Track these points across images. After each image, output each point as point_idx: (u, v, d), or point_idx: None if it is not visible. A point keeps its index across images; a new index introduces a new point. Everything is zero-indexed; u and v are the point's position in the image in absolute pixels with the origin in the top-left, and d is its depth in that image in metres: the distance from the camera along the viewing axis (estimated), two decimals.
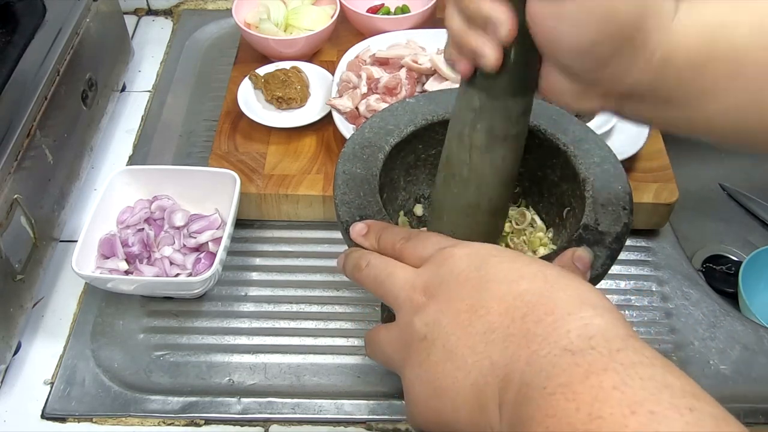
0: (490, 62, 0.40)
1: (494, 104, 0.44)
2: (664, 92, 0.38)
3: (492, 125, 0.45)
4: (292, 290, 0.74)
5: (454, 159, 0.49)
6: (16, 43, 0.72)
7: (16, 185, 0.66)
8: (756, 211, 0.85)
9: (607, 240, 0.50)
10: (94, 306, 0.73)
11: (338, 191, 0.53)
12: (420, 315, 0.38)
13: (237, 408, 0.66)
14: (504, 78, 0.42)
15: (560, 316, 0.33)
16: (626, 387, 0.29)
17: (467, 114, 0.46)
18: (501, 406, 0.33)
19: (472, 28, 0.40)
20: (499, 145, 0.47)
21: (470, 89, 0.45)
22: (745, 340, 0.70)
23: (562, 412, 0.29)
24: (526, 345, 0.33)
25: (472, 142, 0.47)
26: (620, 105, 0.41)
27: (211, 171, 0.77)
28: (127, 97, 0.96)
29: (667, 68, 0.37)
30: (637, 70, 0.37)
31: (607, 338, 0.31)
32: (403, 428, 0.64)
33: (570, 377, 0.30)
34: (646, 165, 0.78)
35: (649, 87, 0.38)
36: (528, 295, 0.35)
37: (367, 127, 0.58)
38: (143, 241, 0.73)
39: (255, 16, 0.94)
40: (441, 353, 0.36)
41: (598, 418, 0.28)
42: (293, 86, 0.84)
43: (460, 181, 0.49)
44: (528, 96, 0.45)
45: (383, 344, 0.41)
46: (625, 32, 0.36)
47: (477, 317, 0.35)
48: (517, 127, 0.46)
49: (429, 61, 0.81)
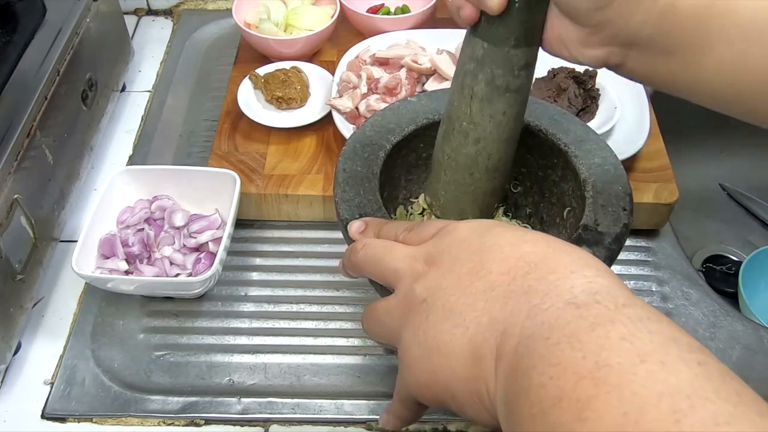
0: (495, 4, 0.40)
1: (496, 53, 0.44)
2: (666, 41, 0.39)
3: (493, 75, 0.45)
4: (292, 290, 0.74)
5: (455, 111, 0.49)
6: (16, 43, 0.72)
7: (16, 185, 0.66)
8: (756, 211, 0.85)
9: (606, 240, 0.50)
10: (94, 306, 0.73)
11: (338, 189, 0.53)
12: (420, 281, 0.38)
13: (237, 408, 0.66)
14: (507, 24, 0.42)
15: (563, 274, 0.33)
16: (634, 338, 0.28)
17: (469, 64, 0.46)
18: (498, 360, 0.32)
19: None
20: (500, 98, 0.46)
21: (474, 38, 0.45)
22: (745, 340, 0.70)
23: (568, 361, 0.28)
24: (527, 300, 0.33)
25: (473, 92, 0.46)
26: (623, 55, 0.41)
27: (211, 171, 0.77)
28: (127, 97, 0.96)
29: (670, 15, 0.37)
30: (642, 13, 0.38)
31: (612, 294, 0.31)
32: (402, 428, 0.64)
33: (575, 328, 0.29)
34: (646, 165, 0.78)
35: (652, 34, 0.38)
36: (530, 256, 0.35)
37: (369, 126, 0.58)
38: (143, 241, 0.73)
39: (255, 16, 0.94)
40: (440, 313, 0.36)
41: (606, 366, 0.27)
42: (293, 86, 0.84)
43: (460, 133, 0.49)
44: (531, 48, 0.45)
45: (381, 315, 0.41)
46: None
47: (478, 278, 0.35)
48: (519, 80, 0.46)
49: (429, 61, 0.81)
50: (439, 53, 0.82)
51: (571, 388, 0.27)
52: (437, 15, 0.95)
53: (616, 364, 0.27)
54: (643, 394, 0.26)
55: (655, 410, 0.25)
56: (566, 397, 0.27)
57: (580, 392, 0.27)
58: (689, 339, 0.29)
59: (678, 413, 0.25)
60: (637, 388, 0.26)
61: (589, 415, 0.26)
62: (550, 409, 0.28)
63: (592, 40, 0.40)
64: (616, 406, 0.26)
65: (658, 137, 0.81)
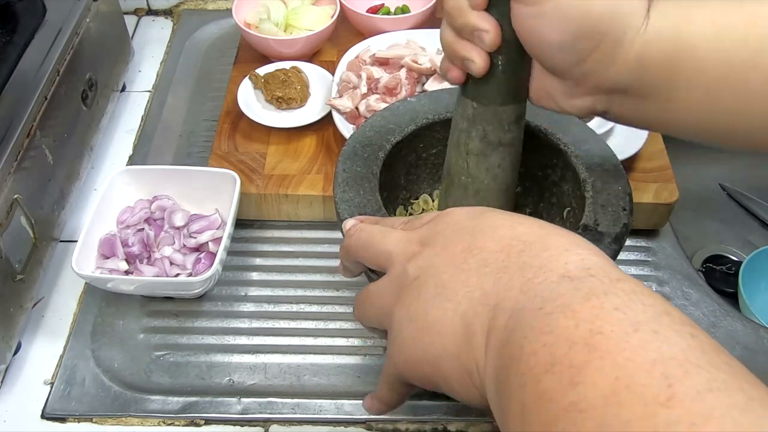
0: (478, 67, 0.43)
1: (486, 111, 0.47)
2: (641, 87, 0.41)
3: (485, 132, 0.48)
4: (292, 290, 0.74)
5: (453, 167, 0.51)
6: (16, 43, 0.72)
7: (16, 185, 0.66)
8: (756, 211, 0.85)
9: (606, 240, 0.50)
10: (94, 306, 0.73)
11: (338, 189, 0.53)
12: (414, 261, 0.38)
13: (237, 408, 0.66)
14: (493, 85, 0.45)
15: (557, 252, 0.33)
16: (628, 309, 0.28)
17: (462, 122, 0.48)
18: (489, 333, 0.33)
19: (461, 38, 0.43)
20: (494, 152, 0.49)
21: (464, 98, 0.47)
22: (745, 340, 0.70)
23: (561, 329, 0.29)
24: (521, 275, 0.33)
25: (468, 149, 0.49)
26: (607, 102, 0.43)
27: (211, 171, 0.77)
28: (127, 97, 0.96)
29: (642, 65, 0.40)
30: (618, 65, 0.40)
31: (606, 270, 0.32)
32: (402, 428, 0.64)
33: (569, 299, 0.30)
34: (646, 165, 0.78)
35: (629, 81, 0.41)
36: (525, 236, 0.35)
37: (368, 126, 0.58)
38: (143, 241, 0.73)
39: (255, 16, 0.94)
40: (432, 289, 0.36)
41: (599, 334, 0.28)
42: (293, 86, 0.84)
43: (460, 186, 0.51)
44: (519, 104, 0.47)
45: (373, 296, 0.41)
46: (600, 28, 0.39)
47: (471, 255, 0.36)
48: (510, 134, 0.48)
49: (429, 61, 0.81)
50: (439, 53, 0.82)
51: (563, 354, 0.28)
52: (437, 15, 0.95)
53: (609, 331, 0.28)
54: (636, 360, 0.26)
55: (648, 375, 0.26)
56: (558, 363, 0.28)
57: (573, 358, 0.27)
58: (681, 315, 0.29)
59: (670, 378, 0.25)
60: (630, 355, 0.26)
61: (581, 380, 0.27)
62: (541, 375, 0.28)
63: (576, 91, 0.43)
64: (608, 372, 0.26)
65: (658, 137, 0.81)
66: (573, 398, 0.26)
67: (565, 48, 0.40)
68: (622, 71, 0.40)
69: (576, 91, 0.43)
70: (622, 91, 0.42)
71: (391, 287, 0.39)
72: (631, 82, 0.41)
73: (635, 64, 0.40)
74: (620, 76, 0.41)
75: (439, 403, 0.65)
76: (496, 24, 0.41)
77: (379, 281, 0.41)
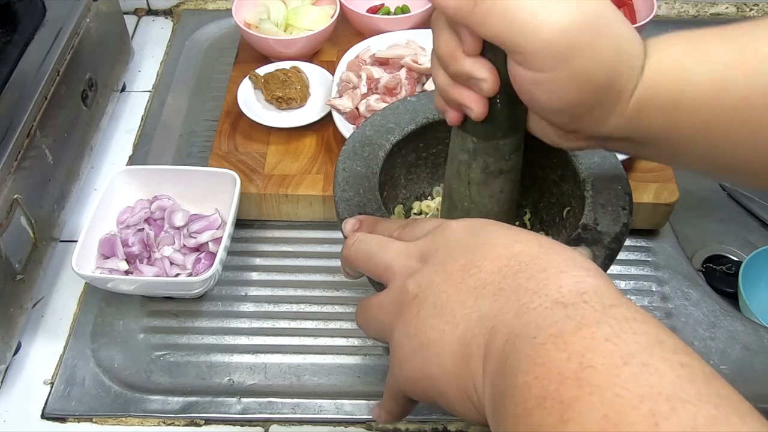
0: (476, 114, 0.42)
1: (486, 145, 0.46)
2: (640, 137, 0.41)
3: (486, 164, 0.48)
4: (292, 290, 0.74)
5: (455, 194, 0.51)
6: (16, 43, 0.72)
7: (16, 185, 0.66)
8: (756, 211, 0.85)
9: (605, 240, 0.50)
10: (94, 306, 0.73)
11: (338, 189, 0.53)
12: (413, 277, 0.38)
13: (237, 408, 0.66)
14: (492, 123, 0.44)
15: (552, 273, 0.33)
16: (619, 339, 0.28)
17: (462, 155, 0.48)
18: (486, 357, 0.33)
19: (456, 83, 0.42)
20: (495, 180, 0.49)
21: (462, 133, 0.47)
22: (745, 340, 0.70)
23: (552, 361, 0.29)
24: (516, 299, 0.33)
25: (469, 179, 0.49)
26: (603, 144, 0.44)
27: (211, 171, 0.77)
28: (127, 97, 0.96)
29: (640, 117, 0.39)
30: (613, 120, 0.40)
31: (599, 295, 0.31)
32: (403, 428, 0.64)
33: (561, 328, 0.30)
34: (646, 165, 0.78)
35: (624, 134, 0.41)
36: (521, 255, 0.35)
37: (368, 125, 0.58)
38: (143, 241, 0.73)
39: (255, 16, 0.94)
40: (431, 309, 0.36)
41: (589, 367, 0.28)
42: (293, 86, 0.84)
43: (462, 211, 0.51)
44: (518, 134, 0.47)
45: (374, 309, 0.41)
46: (599, 93, 0.38)
47: (469, 275, 0.36)
48: (511, 162, 0.48)
49: (429, 61, 0.81)
50: None
51: (555, 389, 0.28)
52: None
53: (599, 365, 0.28)
54: (624, 397, 0.26)
55: (635, 413, 0.26)
56: (550, 398, 0.28)
57: (564, 393, 0.27)
58: (675, 340, 0.29)
59: (657, 416, 0.25)
60: (619, 390, 0.26)
61: (571, 417, 0.27)
62: (533, 409, 0.28)
63: (571, 137, 0.43)
64: (597, 408, 0.26)
65: None
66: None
67: (561, 112, 0.40)
68: (617, 125, 0.40)
69: (571, 137, 0.43)
70: (619, 140, 0.42)
71: (391, 303, 0.39)
72: (626, 134, 0.41)
73: (633, 116, 0.39)
74: (616, 129, 0.40)
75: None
76: (492, 70, 0.40)
77: (379, 295, 0.41)
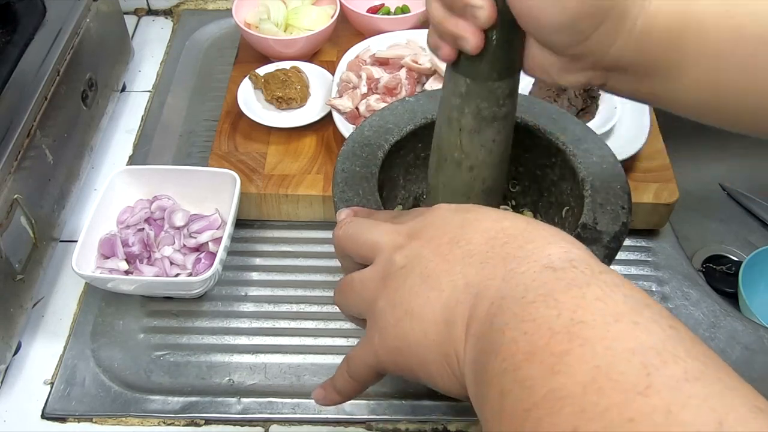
0: (472, 46, 0.41)
1: (479, 87, 0.45)
2: (645, 64, 0.39)
3: (479, 108, 0.46)
4: (292, 290, 0.74)
5: (445, 143, 0.49)
6: (16, 43, 0.72)
7: (16, 185, 0.66)
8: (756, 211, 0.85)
9: (605, 239, 0.50)
10: (94, 306, 0.73)
11: (337, 190, 0.53)
12: (401, 251, 0.38)
13: (237, 408, 0.66)
14: (487, 61, 0.43)
15: (540, 244, 0.34)
16: (609, 299, 0.29)
17: (454, 99, 0.46)
18: (469, 322, 0.33)
19: (452, 14, 0.40)
20: (488, 127, 0.47)
21: (455, 74, 0.45)
22: (745, 340, 0.70)
23: (542, 318, 0.29)
24: (504, 265, 0.33)
25: (461, 125, 0.47)
26: (604, 77, 0.42)
27: (211, 171, 0.77)
28: (127, 97, 0.96)
29: (646, 40, 0.38)
30: (620, 42, 0.38)
31: (588, 263, 0.32)
32: (403, 428, 0.64)
33: (551, 288, 0.30)
34: (646, 165, 0.78)
35: (631, 58, 0.39)
36: (510, 229, 0.35)
37: (367, 126, 0.58)
38: (143, 241, 0.73)
39: (255, 16, 0.94)
40: (417, 278, 0.36)
41: (580, 323, 0.28)
42: (293, 86, 0.84)
43: (452, 162, 0.50)
44: (513, 77, 0.45)
45: (357, 284, 0.41)
46: (603, 6, 0.37)
47: (457, 247, 0.36)
48: (504, 108, 0.46)
49: (429, 61, 0.81)
50: None
51: (544, 343, 0.28)
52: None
53: (590, 320, 0.28)
54: (615, 349, 0.26)
55: (627, 363, 0.26)
56: (539, 351, 0.28)
57: (554, 346, 0.28)
58: (661, 308, 0.30)
59: (649, 367, 0.26)
60: (609, 343, 0.27)
61: (561, 368, 0.27)
62: (522, 362, 0.28)
63: (572, 67, 0.41)
64: (588, 360, 0.27)
65: (658, 137, 0.81)
66: (553, 385, 0.27)
67: (564, 28, 0.38)
68: (625, 49, 0.38)
69: (573, 66, 0.41)
70: (623, 68, 0.40)
71: (376, 276, 0.39)
72: (633, 60, 0.39)
73: (638, 41, 0.38)
74: (622, 53, 0.39)
75: (438, 403, 0.65)
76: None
77: (363, 271, 0.40)
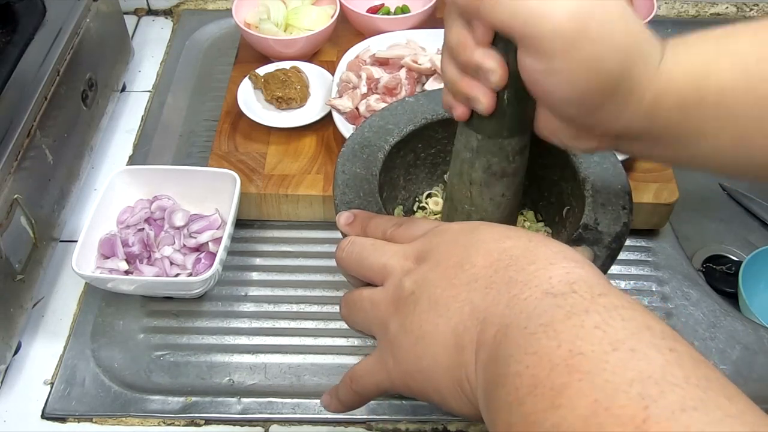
0: (484, 107, 0.42)
1: (490, 144, 0.46)
2: (656, 133, 0.40)
3: (489, 164, 0.47)
4: (292, 290, 0.74)
5: (456, 194, 0.51)
6: (16, 43, 0.72)
7: (16, 185, 0.66)
8: (756, 211, 0.85)
9: (606, 239, 0.50)
10: (94, 306, 0.73)
11: (338, 191, 0.53)
12: (410, 275, 0.39)
13: (237, 408, 0.66)
14: (499, 120, 0.44)
15: (542, 265, 0.34)
16: (607, 326, 0.29)
17: (465, 153, 0.48)
18: (478, 348, 0.33)
19: (465, 75, 0.42)
20: (498, 182, 0.48)
21: (468, 130, 0.46)
22: (745, 340, 0.70)
23: (543, 350, 0.29)
24: (507, 290, 0.33)
25: (471, 179, 0.49)
26: (615, 144, 0.42)
27: (211, 171, 0.77)
28: (127, 97, 0.96)
29: (657, 111, 0.38)
30: (629, 114, 0.39)
31: (588, 285, 0.32)
32: (403, 428, 0.64)
33: (551, 317, 0.30)
34: (646, 165, 0.78)
35: (640, 129, 0.40)
36: (512, 250, 0.36)
37: (367, 127, 0.58)
38: (143, 241, 0.73)
39: (255, 16, 0.94)
40: (426, 304, 0.37)
41: (579, 354, 0.28)
42: (293, 86, 0.84)
43: (463, 213, 0.51)
44: (524, 135, 0.46)
45: (366, 304, 0.41)
46: (612, 82, 0.37)
47: (462, 270, 0.36)
48: (514, 164, 0.48)
49: (429, 61, 0.81)
50: (439, 53, 0.82)
51: (545, 376, 0.28)
52: (437, 15, 0.95)
53: (589, 351, 0.28)
54: (614, 381, 0.27)
55: (625, 396, 0.26)
56: (541, 385, 0.28)
57: (554, 379, 0.28)
58: (663, 326, 0.29)
59: (647, 399, 0.26)
60: (608, 376, 0.27)
61: (561, 402, 0.27)
62: (525, 397, 0.29)
63: (582, 135, 0.42)
64: (587, 393, 0.27)
65: None
66: (554, 420, 0.27)
67: (573, 103, 0.38)
68: (634, 119, 0.39)
69: (582, 135, 0.42)
70: (634, 136, 0.40)
71: (387, 299, 0.40)
72: (643, 129, 0.39)
73: (648, 112, 0.38)
74: (631, 123, 0.39)
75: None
76: (502, 62, 0.39)
77: (374, 292, 0.41)
